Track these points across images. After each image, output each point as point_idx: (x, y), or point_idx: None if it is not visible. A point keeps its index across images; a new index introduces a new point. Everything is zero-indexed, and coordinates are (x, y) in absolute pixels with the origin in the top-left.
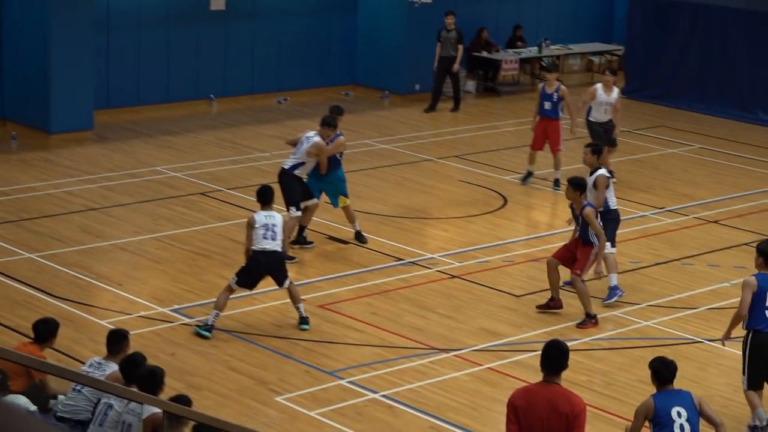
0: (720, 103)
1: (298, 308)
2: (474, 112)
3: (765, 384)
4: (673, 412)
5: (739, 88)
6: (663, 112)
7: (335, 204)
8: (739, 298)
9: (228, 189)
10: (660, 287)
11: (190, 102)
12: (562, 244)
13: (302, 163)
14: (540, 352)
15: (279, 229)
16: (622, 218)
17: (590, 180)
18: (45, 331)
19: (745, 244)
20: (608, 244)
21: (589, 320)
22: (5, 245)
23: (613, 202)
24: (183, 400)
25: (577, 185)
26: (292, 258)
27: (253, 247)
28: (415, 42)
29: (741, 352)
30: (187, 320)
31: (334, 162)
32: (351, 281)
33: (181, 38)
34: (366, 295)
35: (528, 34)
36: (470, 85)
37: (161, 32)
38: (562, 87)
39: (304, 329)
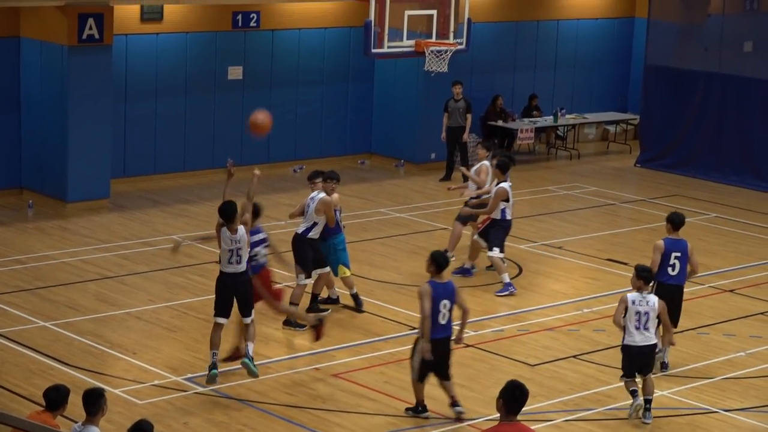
0: (735, 172)
1: (247, 345)
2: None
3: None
4: (441, 304)
5: (755, 157)
6: (678, 181)
7: (335, 273)
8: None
9: None
10: (675, 357)
11: (207, 171)
12: (574, 312)
13: (315, 224)
14: (505, 398)
15: (244, 251)
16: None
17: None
18: (57, 398)
19: (761, 313)
20: (497, 249)
21: (299, 327)
22: (20, 313)
23: (507, 214)
24: None
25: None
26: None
27: (221, 268)
28: (431, 111)
29: None
30: (200, 389)
31: (336, 227)
32: (365, 350)
33: (199, 107)
34: (380, 363)
35: (543, 103)
36: None
37: (179, 101)
38: (484, 164)
39: (246, 364)
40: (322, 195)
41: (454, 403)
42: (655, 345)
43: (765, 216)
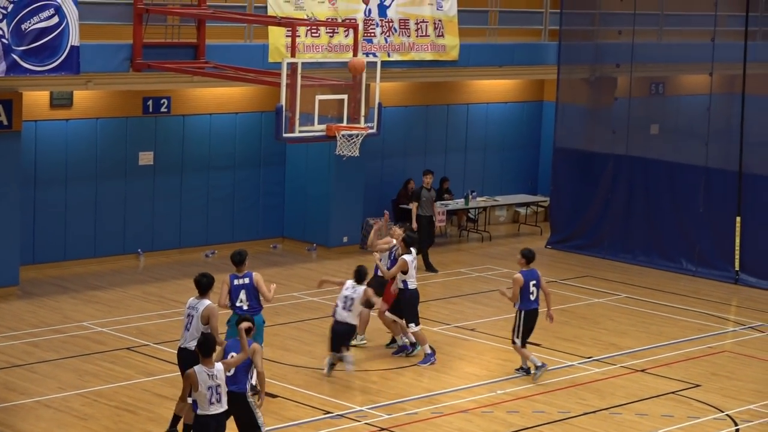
0: (645, 252)
1: None
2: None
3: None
4: (229, 356)
5: (663, 238)
6: (589, 262)
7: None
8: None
9: (155, 344)
10: None
11: (118, 257)
12: (488, 394)
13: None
14: None
15: (223, 387)
16: (550, 368)
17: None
18: None
19: (673, 392)
20: (413, 324)
21: None
22: None
23: (408, 284)
24: None
25: None
26: None
27: (200, 412)
28: (343, 195)
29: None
30: None
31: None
32: None
33: (109, 193)
34: None
35: (455, 186)
36: None
37: (89, 187)
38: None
39: None
40: (207, 303)
41: None
42: (350, 325)
43: (674, 296)
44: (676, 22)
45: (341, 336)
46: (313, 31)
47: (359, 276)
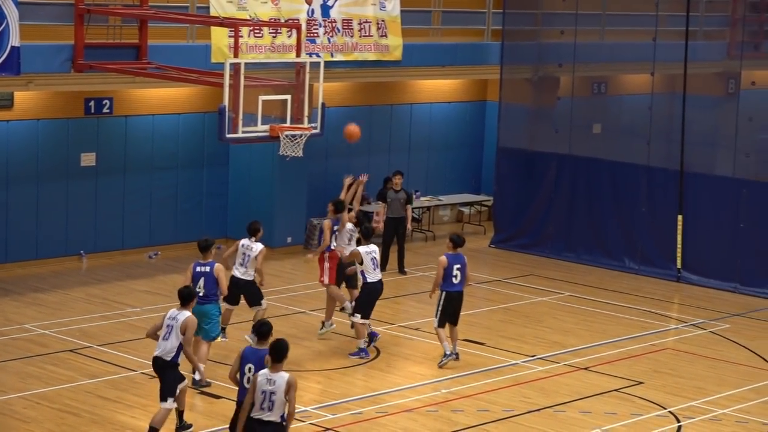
0: (588, 251)
1: None
2: None
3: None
4: (246, 367)
5: (606, 237)
6: (532, 260)
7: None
8: None
9: (98, 345)
10: None
11: (60, 258)
12: (432, 393)
13: (181, 347)
14: None
15: (279, 398)
16: (494, 366)
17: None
18: None
19: (616, 390)
20: (358, 315)
21: None
22: None
23: (367, 277)
24: None
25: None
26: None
27: (252, 414)
28: (287, 195)
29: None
30: None
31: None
32: None
33: (51, 194)
34: None
35: None
36: None
37: (30, 189)
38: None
39: None
40: (187, 314)
41: None
42: (248, 281)
43: (617, 294)
44: (617, 22)
45: (244, 293)
46: (256, 31)
47: (251, 231)
